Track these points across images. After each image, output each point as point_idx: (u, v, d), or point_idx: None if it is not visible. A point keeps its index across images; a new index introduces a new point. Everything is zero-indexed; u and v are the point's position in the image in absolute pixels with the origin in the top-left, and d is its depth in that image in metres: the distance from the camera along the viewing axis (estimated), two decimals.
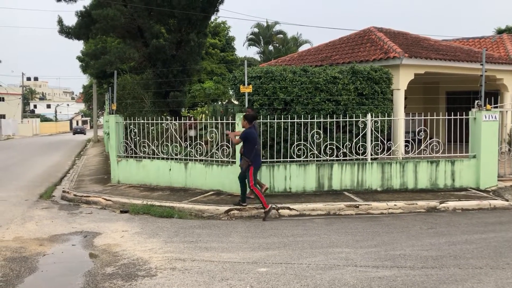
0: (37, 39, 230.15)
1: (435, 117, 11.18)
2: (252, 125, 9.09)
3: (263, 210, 8.82)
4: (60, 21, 16.43)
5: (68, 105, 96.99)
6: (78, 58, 32.39)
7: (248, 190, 9.19)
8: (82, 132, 63.65)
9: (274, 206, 9.14)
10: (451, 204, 9.55)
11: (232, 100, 19.17)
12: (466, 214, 9.18)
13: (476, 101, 11.25)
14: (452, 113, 11.30)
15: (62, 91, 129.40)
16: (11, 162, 20.75)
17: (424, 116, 11.56)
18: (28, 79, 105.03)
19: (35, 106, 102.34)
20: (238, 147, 10.21)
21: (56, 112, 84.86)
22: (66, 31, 16.50)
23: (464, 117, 11.29)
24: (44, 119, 77.41)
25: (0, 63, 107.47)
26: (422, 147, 11.09)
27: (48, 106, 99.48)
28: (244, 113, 9.42)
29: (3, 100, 66.68)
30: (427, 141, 11.04)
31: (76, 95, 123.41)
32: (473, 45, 18.96)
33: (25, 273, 5.89)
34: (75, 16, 16.42)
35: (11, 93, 68.91)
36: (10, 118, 61.57)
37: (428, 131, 11.31)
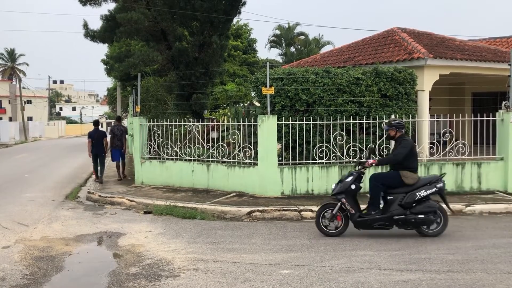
0: (63, 43, 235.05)
1: (460, 119, 10.97)
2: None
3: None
4: (85, 25, 16.73)
5: (92, 107, 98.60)
6: (103, 61, 32.94)
7: None
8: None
9: (296, 208, 9.12)
10: (478, 207, 9.35)
11: (254, 102, 19.20)
12: (493, 217, 8.97)
13: (504, 102, 11.01)
14: (479, 114, 11.07)
15: (87, 94, 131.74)
16: (38, 163, 21.22)
17: (449, 118, 11.36)
18: (54, 82, 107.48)
19: (61, 109, 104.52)
20: (260, 149, 10.22)
21: (81, 114, 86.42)
22: (91, 35, 16.78)
23: (491, 118, 11.05)
24: (69, 121, 78.96)
25: (27, 67, 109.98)
26: (447, 149, 10.89)
27: (74, 109, 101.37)
28: None
29: (31, 103, 68.29)
30: (453, 143, 10.84)
31: (100, 98, 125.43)
32: (500, 44, 18.54)
33: (52, 272, 6.01)
34: (100, 20, 16.70)
35: (38, 96, 70.50)
36: (37, 120, 62.99)
37: (454, 133, 11.11)
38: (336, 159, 10.71)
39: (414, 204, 7.26)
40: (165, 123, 12.29)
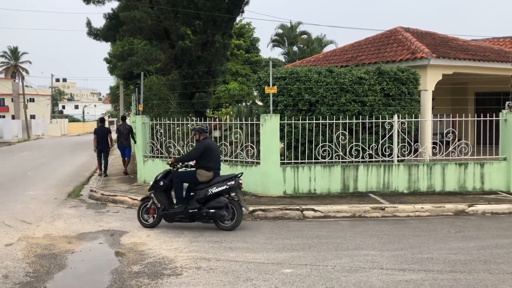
0: (66, 41, 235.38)
1: (463, 119, 10.95)
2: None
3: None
4: (88, 23, 16.75)
5: (95, 106, 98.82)
6: (106, 59, 32.98)
7: None
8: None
9: (298, 207, 9.12)
10: (480, 207, 9.33)
11: (257, 101, 19.18)
12: (496, 218, 8.95)
13: (507, 102, 10.98)
14: (482, 114, 11.04)
15: (90, 92, 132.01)
16: (41, 161, 21.28)
17: (452, 118, 11.34)
18: (57, 80, 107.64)
19: (63, 107, 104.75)
20: (263, 148, 10.22)
21: (83, 112, 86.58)
22: (95, 33, 16.80)
23: (494, 118, 11.02)
24: (72, 119, 79.11)
25: (30, 65, 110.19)
26: (450, 149, 10.87)
27: (76, 107, 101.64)
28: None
29: (33, 101, 68.46)
30: (456, 143, 10.82)
31: (103, 96, 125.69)
32: (503, 44, 18.49)
33: (54, 269, 6.03)
34: (103, 18, 16.73)
35: (41, 94, 70.73)
36: (40, 118, 63.16)
37: (457, 133, 11.10)
38: (339, 159, 10.70)
39: (207, 200, 7.90)
40: (168, 121, 12.30)
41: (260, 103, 13.77)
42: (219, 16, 15.51)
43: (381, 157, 10.77)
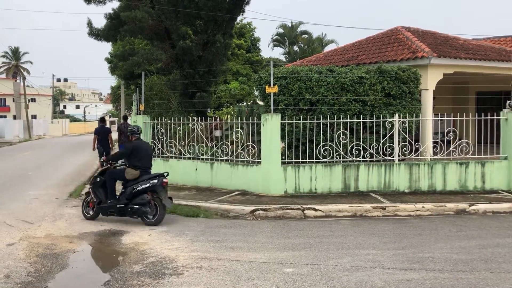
0: (67, 41, 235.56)
1: (464, 118, 10.95)
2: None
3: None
4: (89, 23, 16.77)
5: (96, 105, 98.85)
6: (107, 59, 33.01)
7: None
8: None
9: (299, 207, 9.13)
10: (482, 206, 9.33)
11: (258, 101, 19.17)
12: (497, 217, 8.95)
13: (508, 102, 10.98)
14: (483, 113, 11.04)
15: (91, 92, 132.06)
16: (42, 161, 21.30)
17: (453, 117, 11.33)
18: (58, 80, 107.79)
19: (64, 107, 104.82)
20: (264, 148, 10.25)
21: (84, 112, 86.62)
22: (96, 33, 16.83)
23: (495, 117, 11.02)
24: (73, 119, 79.14)
25: (31, 65, 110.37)
26: (451, 148, 10.87)
27: (77, 107, 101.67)
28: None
29: (35, 101, 68.50)
30: (456, 142, 10.82)
31: (104, 96, 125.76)
32: (504, 44, 18.46)
33: (56, 269, 6.04)
34: (104, 18, 16.78)
35: (42, 94, 70.74)
36: (41, 118, 63.16)
37: (458, 132, 11.10)
38: (340, 158, 10.70)
39: (133, 197, 8.48)
40: (169, 121, 12.31)
41: (261, 103, 13.79)
42: (220, 16, 15.53)
43: (382, 157, 10.77)
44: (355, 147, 10.70)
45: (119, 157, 8.96)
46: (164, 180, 8.50)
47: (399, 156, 10.80)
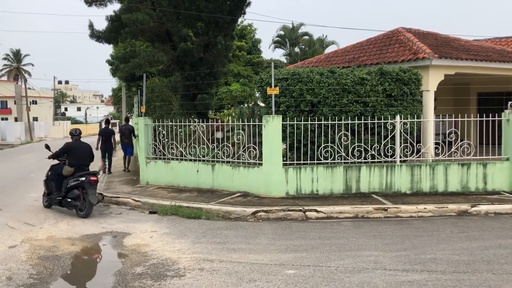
0: (68, 43, 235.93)
1: (466, 119, 10.94)
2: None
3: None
4: (91, 25, 16.78)
5: (97, 108, 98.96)
6: (108, 61, 33.07)
7: None
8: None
9: (301, 208, 9.13)
10: (483, 207, 9.32)
11: (259, 102, 19.19)
12: (499, 218, 8.94)
13: (510, 102, 10.97)
14: (484, 114, 11.03)
15: (92, 94, 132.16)
16: (43, 163, 21.25)
17: (454, 118, 11.33)
18: (60, 82, 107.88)
19: (66, 109, 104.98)
20: (265, 149, 10.24)
21: (86, 114, 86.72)
22: (97, 35, 16.83)
23: (496, 118, 11.01)
24: (74, 121, 79.22)
25: (33, 67, 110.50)
26: (452, 150, 10.86)
27: (78, 109, 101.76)
28: None
29: (36, 103, 68.65)
30: (458, 143, 10.81)
31: (105, 98, 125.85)
32: (506, 44, 18.45)
33: (58, 271, 6.04)
34: (105, 20, 16.76)
35: (43, 96, 70.87)
36: (42, 120, 63.30)
37: (459, 133, 11.08)
38: (341, 159, 10.70)
39: (68, 191, 9.52)
40: (170, 123, 12.32)
41: (262, 104, 13.79)
42: (221, 18, 15.54)
43: (384, 158, 10.76)
44: (356, 149, 10.70)
45: (58, 155, 9.96)
46: (92, 178, 9.40)
47: (400, 157, 10.79)
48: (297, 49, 46.63)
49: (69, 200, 9.46)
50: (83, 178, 9.36)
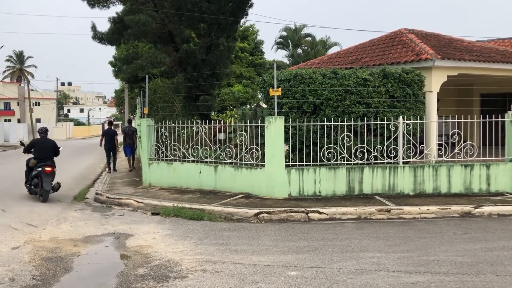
0: (71, 45, 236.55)
1: (469, 120, 10.91)
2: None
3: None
4: (93, 27, 16.80)
5: (100, 109, 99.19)
6: (111, 63, 33.14)
7: None
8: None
9: (304, 209, 9.11)
10: (487, 209, 9.29)
11: (261, 104, 19.19)
12: (503, 219, 8.91)
13: None
14: (487, 115, 11.00)
15: (95, 96, 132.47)
16: None
17: (457, 119, 11.30)
18: (62, 84, 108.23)
19: (68, 110, 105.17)
20: (268, 150, 10.24)
21: (88, 116, 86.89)
22: (99, 37, 16.85)
23: (499, 119, 10.98)
24: (77, 123, 79.37)
25: (35, 69, 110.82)
26: (455, 151, 10.83)
27: (81, 110, 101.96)
28: None
29: (39, 105, 68.80)
30: (461, 145, 10.78)
31: (108, 100, 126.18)
32: (509, 45, 18.39)
33: (60, 272, 6.04)
34: (108, 22, 16.76)
35: (46, 98, 71.03)
36: (45, 122, 63.35)
37: (462, 134, 11.06)
38: (344, 161, 10.69)
39: (32, 179, 11.32)
40: (173, 124, 12.32)
41: (264, 106, 13.80)
42: (223, 19, 15.54)
43: (386, 159, 10.74)
44: (359, 150, 10.68)
45: (27, 149, 11.62)
46: (46, 168, 10.97)
47: (403, 158, 10.77)
48: (299, 50, 46.63)
49: (32, 187, 11.31)
50: (40, 169, 11.03)
